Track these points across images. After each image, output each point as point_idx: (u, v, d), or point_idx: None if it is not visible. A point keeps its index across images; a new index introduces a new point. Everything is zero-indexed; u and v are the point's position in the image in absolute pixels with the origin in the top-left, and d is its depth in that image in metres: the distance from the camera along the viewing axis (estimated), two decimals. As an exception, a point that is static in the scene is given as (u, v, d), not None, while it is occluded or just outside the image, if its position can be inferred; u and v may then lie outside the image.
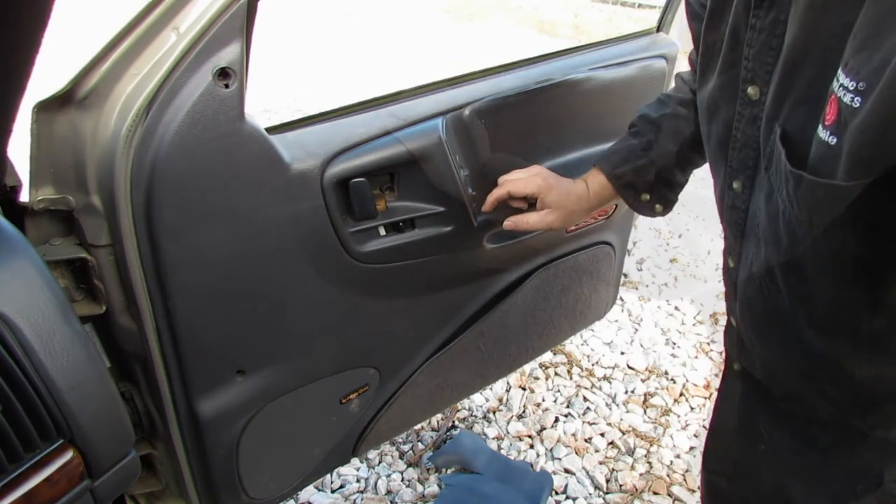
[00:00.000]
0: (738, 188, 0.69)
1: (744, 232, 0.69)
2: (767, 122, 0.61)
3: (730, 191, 0.70)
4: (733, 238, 0.72)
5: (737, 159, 0.68)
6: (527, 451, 1.86)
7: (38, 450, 0.67)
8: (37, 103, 0.74)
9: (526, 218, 1.04)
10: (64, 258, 0.80)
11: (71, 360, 0.68)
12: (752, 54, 0.62)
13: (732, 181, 0.69)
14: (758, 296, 0.68)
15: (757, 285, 0.67)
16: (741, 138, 0.66)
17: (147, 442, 1.02)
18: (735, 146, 0.67)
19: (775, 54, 0.60)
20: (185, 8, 0.74)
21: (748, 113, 0.65)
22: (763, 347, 0.73)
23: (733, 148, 0.68)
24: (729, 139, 0.68)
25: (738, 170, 0.68)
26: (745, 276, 0.70)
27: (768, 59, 0.60)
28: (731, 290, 0.76)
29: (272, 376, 1.03)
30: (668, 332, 2.40)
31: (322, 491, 1.70)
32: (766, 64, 0.61)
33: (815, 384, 0.70)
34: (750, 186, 0.67)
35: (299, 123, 0.97)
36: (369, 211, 1.00)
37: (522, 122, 1.15)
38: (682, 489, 1.77)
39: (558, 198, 1.02)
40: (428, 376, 1.28)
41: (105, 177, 0.76)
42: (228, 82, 0.78)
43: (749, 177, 0.67)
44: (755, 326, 0.72)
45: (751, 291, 0.69)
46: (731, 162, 0.69)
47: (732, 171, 0.69)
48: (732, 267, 0.73)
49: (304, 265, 0.97)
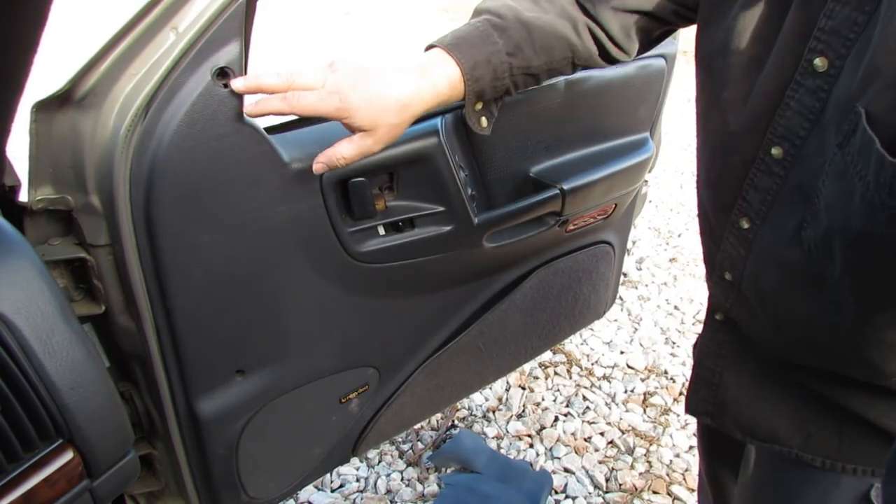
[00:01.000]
0: (777, 154, 0.68)
1: (777, 197, 0.69)
2: (842, 98, 0.60)
3: (766, 156, 0.69)
4: (759, 201, 0.71)
5: (784, 126, 0.67)
6: (526, 451, 1.86)
7: (37, 450, 0.67)
8: (35, 103, 0.73)
9: (336, 150, 0.81)
10: (63, 258, 0.80)
11: (70, 359, 0.68)
12: (829, 26, 0.61)
13: (772, 147, 0.68)
14: (800, 259, 0.67)
15: (804, 249, 0.66)
16: (795, 107, 0.65)
17: (146, 442, 1.02)
18: (785, 113, 0.66)
19: (859, 30, 0.59)
20: (184, 7, 0.74)
21: (810, 83, 0.64)
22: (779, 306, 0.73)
23: (781, 115, 0.67)
24: (776, 105, 0.67)
25: (783, 136, 0.67)
26: (777, 238, 0.70)
27: (850, 35, 0.59)
28: (742, 250, 0.75)
29: (272, 376, 1.03)
30: (668, 331, 2.40)
31: (322, 490, 1.70)
32: (845, 39, 0.60)
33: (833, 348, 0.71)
34: (795, 154, 0.66)
35: (299, 123, 0.97)
36: (368, 210, 1.00)
37: (522, 121, 1.15)
38: (682, 488, 1.77)
39: (371, 115, 0.78)
40: (427, 376, 1.28)
41: (104, 176, 0.76)
42: (227, 82, 0.78)
43: (796, 145, 0.66)
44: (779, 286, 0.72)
45: (787, 254, 0.69)
46: (775, 128, 0.68)
47: (775, 137, 0.68)
48: (747, 228, 0.73)
49: (304, 265, 0.97)
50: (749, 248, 0.74)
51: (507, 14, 0.84)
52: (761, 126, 0.69)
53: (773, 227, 0.71)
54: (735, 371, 0.85)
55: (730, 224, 0.76)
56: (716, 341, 0.86)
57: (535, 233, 1.25)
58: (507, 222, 1.19)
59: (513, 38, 0.84)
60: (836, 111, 0.61)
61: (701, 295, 2.61)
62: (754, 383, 0.83)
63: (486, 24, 0.84)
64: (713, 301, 0.84)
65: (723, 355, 0.86)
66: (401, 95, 0.79)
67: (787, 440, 0.81)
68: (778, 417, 0.82)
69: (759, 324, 0.78)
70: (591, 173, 1.26)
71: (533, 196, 1.20)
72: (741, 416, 0.86)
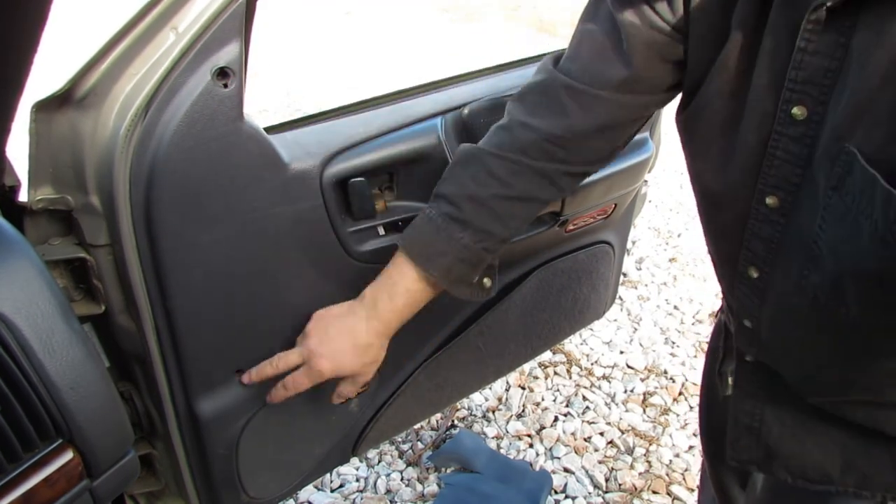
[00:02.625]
0: (773, 203, 0.68)
1: (780, 244, 0.70)
2: (828, 142, 0.61)
3: (762, 206, 0.70)
4: (764, 250, 0.72)
5: (775, 176, 0.67)
6: (526, 451, 1.86)
7: (37, 450, 0.67)
8: (35, 103, 0.73)
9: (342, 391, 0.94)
10: (63, 258, 0.80)
11: (70, 359, 0.68)
12: (801, 76, 0.62)
13: (765, 197, 0.69)
14: (809, 305, 0.67)
15: (811, 296, 0.67)
16: (781, 156, 0.66)
17: (146, 441, 1.02)
18: (773, 163, 0.67)
19: (833, 76, 0.59)
20: (184, 7, 0.74)
21: (793, 132, 0.64)
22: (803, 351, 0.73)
23: (770, 165, 0.67)
24: (761, 158, 0.68)
25: (775, 186, 0.68)
26: (786, 286, 0.70)
27: (825, 82, 0.60)
28: (755, 299, 0.75)
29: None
30: (668, 331, 2.40)
31: (322, 490, 1.70)
32: (821, 86, 0.61)
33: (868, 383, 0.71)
34: (792, 202, 0.67)
35: (298, 123, 0.97)
36: (368, 210, 1.00)
37: (521, 121, 1.15)
38: (682, 488, 1.77)
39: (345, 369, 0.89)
40: (427, 376, 1.28)
41: (104, 176, 0.76)
42: (227, 82, 0.78)
43: (790, 192, 0.67)
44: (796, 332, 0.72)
45: (796, 302, 0.69)
46: (765, 178, 0.68)
47: (767, 187, 0.68)
48: (757, 277, 0.73)
49: (304, 265, 0.97)
50: (763, 297, 0.74)
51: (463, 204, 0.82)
52: (749, 181, 0.70)
53: (783, 275, 0.71)
54: (775, 412, 0.84)
55: (738, 274, 0.76)
56: (751, 383, 0.85)
57: (534, 233, 1.25)
58: (507, 222, 1.19)
59: (474, 224, 0.82)
60: (824, 156, 0.61)
61: (701, 295, 2.61)
62: (796, 422, 0.82)
63: (445, 220, 0.83)
64: (740, 345, 0.83)
65: (760, 396, 0.84)
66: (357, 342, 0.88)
67: (840, 480, 0.80)
68: (826, 457, 0.80)
69: (789, 367, 0.78)
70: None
71: (533, 196, 1.20)
72: (789, 459, 0.84)
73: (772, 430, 0.84)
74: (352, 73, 5.14)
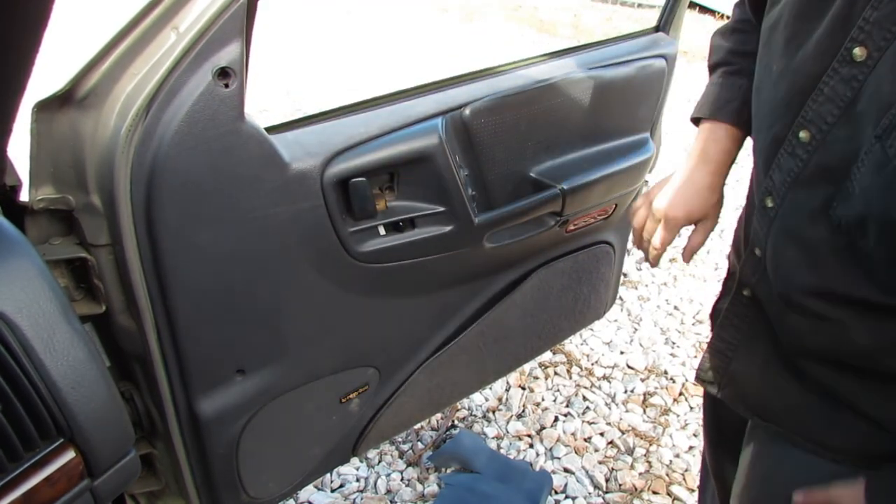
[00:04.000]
0: (805, 138, 0.70)
1: (797, 179, 0.71)
2: (879, 91, 0.61)
3: (794, 138, 0.71)
4: (780, 182, 0.73)
5: (814, 111, 0.68)
6: (526, 451, 1.87)
7: (38, 449, 0.67)
8: (36, 103, 0.74)
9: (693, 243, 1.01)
10: (64, 258, 0.80)
11: (71, 359, 0.68)
12: (874, 16, 0.62)
13: (800, 130, 0.70)
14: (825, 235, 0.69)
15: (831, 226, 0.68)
16: (827, 93, 0.67)
17: (147, 441, 1.02)
18: (817, 98, 0.68)
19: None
20: (185, 7, 0.74)
21: (845, 72, 0.65)
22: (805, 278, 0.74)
23: (814, 100, 0.68)
24: (810, 90, 0.69)
25: (811, 121, 0.69)
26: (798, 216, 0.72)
27: (892, 28, 0.61)
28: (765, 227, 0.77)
29: (272, 376, 1.03)
30: (668, 331, 2.40)
31: (322, 490, 1.70)
32: (887, 31, 0.61)
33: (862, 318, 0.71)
34: (821, 140, 0.68)
35: (299, 123, 0.97)
36: (369, 210, 1.00)
37: (522, 121, 1.15)
38: (682, 488, 1.77)
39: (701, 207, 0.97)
40: (428, 376, 1.29)
41: (105, 176, 0.76)
42: (228, 82, 0.78)
43: (822, 130, 0.68)
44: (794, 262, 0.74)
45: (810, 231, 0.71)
46: (805, 112, 0.69)
47: (804, 121, 0.69)
48: (770, 206, 0.75)
49: (304, 265, 0.98)
50: (770, 227, 0.76)
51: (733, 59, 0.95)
52: (795, 106, 0.71)
53: (793, 207, 0.73)
54: (750, 349, 0.87)
55: (759, 201, 0.78)
56: (738, 316, 0.88)
57: (535, 233, 1.25)
58: (508, 222, 1.19)
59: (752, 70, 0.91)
60: (872, 103, 0.62)
61: (701, 295, 2.61)
62: (766, 366, 0.85)
63: (724, 77, 0.95)
64: (743, 277, 0.86)
65: (742, 329, 0.87)
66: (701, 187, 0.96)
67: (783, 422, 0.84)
68: (780, 400, 0.84)
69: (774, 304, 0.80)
70: (592, 173, 1.26)
71: (533, 196, 1.20)
72: (749, 394, 0.88)
73: (741, 362, 0.88)
74: (352, 73, 5.14)
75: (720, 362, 0.91)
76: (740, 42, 0.95)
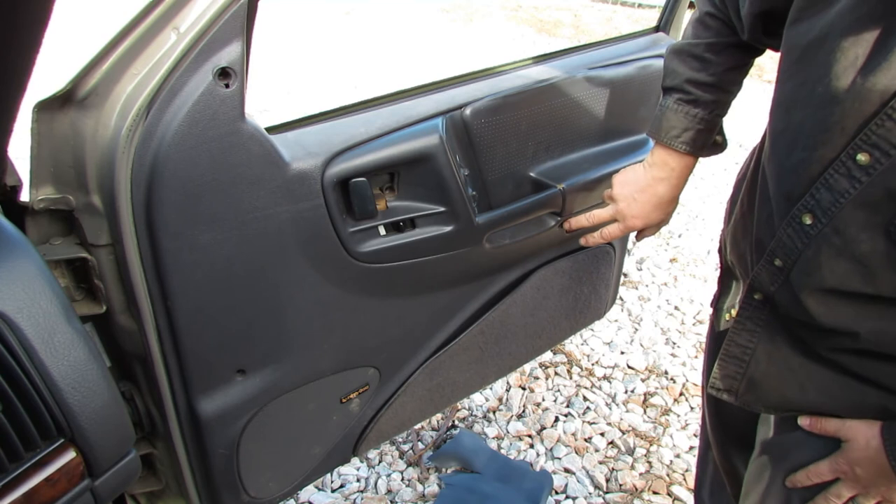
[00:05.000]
0: (864, 161, 0.67)
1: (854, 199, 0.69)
2: None
3: (850, 161, 0.68)
4: (829, 202, 0.71)
5: (879, 136, 0.65)
6: (526, 451, 1.87)
7: (38, 449, 0.67)
8: (37, 103, 0.74)
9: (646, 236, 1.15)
10: (64, 258, 0.80)
11: (72, 359, 0.68)
12: None
13: (858, 153, 0.67)
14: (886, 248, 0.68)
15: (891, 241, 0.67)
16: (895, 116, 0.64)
17: (147, 441, 1.02)
18: (885, 123, 0.65)
19: None
20: (186, 8, 0.74)
21: None
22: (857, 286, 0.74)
23: (880, 125, 0.65)
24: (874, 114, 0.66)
25: (874, 145, 0.66)
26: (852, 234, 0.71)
27: None
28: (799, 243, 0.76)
29: (272, 376, 1.03)
30: (668, 331, 2.40)
31: (322, 490, 1.70)
32: None
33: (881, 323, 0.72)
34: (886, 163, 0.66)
35: (299, 123, 0.97)
36: (369, 211, 1.00)
37: (522, 121, 1.15)
38: (682, 489, 1.77)
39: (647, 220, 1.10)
40: (428, 376, 1.29)
41: (105, 176, 0.76)
42: (229, 82, 0.78)
43: (888, 155, 0.65)
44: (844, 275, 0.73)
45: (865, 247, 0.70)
46: (868, 135, 0.67)
47: (865, 144, 0.67)
48: (810, 224, 0.74)
49: (304, 265, 0.98)
50: (808, 243, 0.75)
51: (689, 88, 1.00)
52: (851, 129, 0.68)
53: (846, 225, 0.71)
54: (767, 349, 0.87)
55: (790, 217, 0.76)
56: (752, 320, 0.87)
57: (535, 233, 1.25)
58: (508, 222, 1.19)
59: (706, 101, 1.00)
60: None
61: (701, 295, 2.61)
62: (786, 362, 0.85)
63: (679, 104, 1.01)
64: (756, 283, 0.85)
65: (758, 333, 0.87)
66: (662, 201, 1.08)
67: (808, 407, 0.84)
68: (806, 394, 0.83)
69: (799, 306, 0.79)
70: (592, 173, 1.26)
71: (533, 196, 1.20)
72: (770, 393, 0.88)
73: (760, 364, 0.88)
74: (352, 73, 5.14)
75: (737, 369, 0.90)
76: (697, 70, 0.99)
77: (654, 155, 1.06)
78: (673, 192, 1.07)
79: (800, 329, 0.82)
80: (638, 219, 1.09)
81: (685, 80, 1.00)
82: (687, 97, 1.00)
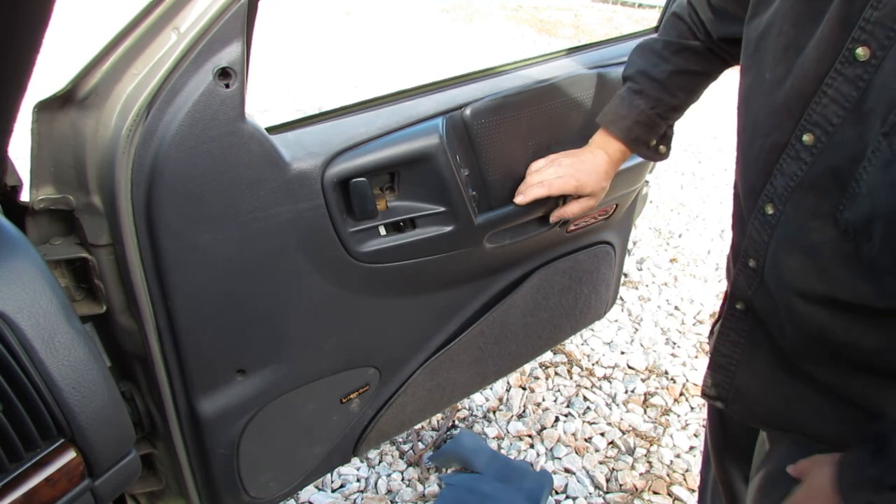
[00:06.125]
0: (808, 141, 0.69)
1: (801, 182, 0.71)
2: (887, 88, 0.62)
3: (798, 143, 0.71)
4: (783, 186, 0.73)
5: (818, 113, 0.68)
6: (527, 451, 1.87)
7: (38, 449, 0.67)
8: (37, 103, 0.74)
9: (568, 209, 1.19)
10: (64, 258, 0.80)
11: (72, 359, 0.68)
12: (874, 16, 0.62)
13: (804, 133, 0.70)
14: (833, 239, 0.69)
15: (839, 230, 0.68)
16: (831, 94, 0.67)
17: (147, 441, 1.02)
18: (821, 101, 0.68)
19: None
20: (186, 8, 0.74)
21: (849, 72, 0.65)
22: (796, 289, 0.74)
23: (817, 102, 0.68)
24: (812, 93, 0.69)
25: (815, 123, 0.69)
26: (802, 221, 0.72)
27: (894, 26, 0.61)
28: (765, 235, 0.77)
29: (273, 376, 1.03)
30: (669, 331, 2.40)
31: (322, 490, 1.70)
32: (889, 30, 0.61)
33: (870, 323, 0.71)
34: (826, 142, 0.68)
35: (299, 123, 0.97)
36: (369, 211, 1.00)
37: (522, 121, 1.15)
38: (682, 489, 1.77)
39: (594, 185, 1.14)
40: (428, 376, 1.29)
41: (105, 176, 0.76)
42: (229, 82, 0.78)
43: (827, 132, 0.68)
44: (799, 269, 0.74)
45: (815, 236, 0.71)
46: (808, 115, 0.69)
47: (808, 124, 0.69)
48: (771, 214, 0.75)
49: (305, 265, 0.98)
50: (771, 234, 0.76)
51: (639, 79, 1.06)
52: (796, 111, 0.71)
53: (797, 211, 0.72)
54: (751, 361, 0.87)
55: (756, 210, 0.77)
56: (735, 330, 0.87)
57: (535, 233, 1.25)
58: (508, 222, 1.19)
59: (650, 95, 1.05)
60: (880, 101, 0.62)
61: (701, 295, 2.61)
62: (769, 374, 0.85)
63: (628, 93, 1.08)
64: (736, 290, 0.85)
65: (741, 343, 0.87)
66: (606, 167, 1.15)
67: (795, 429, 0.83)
68: (790, 408, 0.83)
69: (777, 314, 0.80)
70: (592, 173, 1.26)
71: (534, 196, 1.20)
72: (755, 405, 0.88)
73: (745, 376, 0.88)
74: (352, 73, 5.14)
75: (724, 378, 0.90)
76: (652, 65, 1.05)
77: (598, 135, 1.14)
78: (607, 168, 1.13)
79: (780, 339, 0.81)
80: (570, 178, 1.13)
81: (637, 71, 1.07)
82: (635, 86, 1.06)
